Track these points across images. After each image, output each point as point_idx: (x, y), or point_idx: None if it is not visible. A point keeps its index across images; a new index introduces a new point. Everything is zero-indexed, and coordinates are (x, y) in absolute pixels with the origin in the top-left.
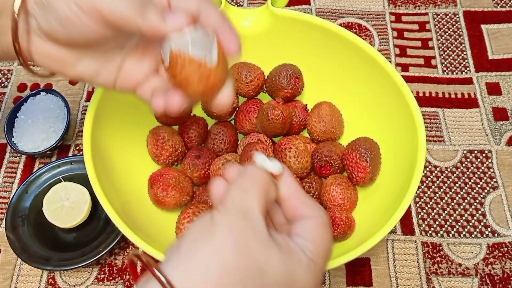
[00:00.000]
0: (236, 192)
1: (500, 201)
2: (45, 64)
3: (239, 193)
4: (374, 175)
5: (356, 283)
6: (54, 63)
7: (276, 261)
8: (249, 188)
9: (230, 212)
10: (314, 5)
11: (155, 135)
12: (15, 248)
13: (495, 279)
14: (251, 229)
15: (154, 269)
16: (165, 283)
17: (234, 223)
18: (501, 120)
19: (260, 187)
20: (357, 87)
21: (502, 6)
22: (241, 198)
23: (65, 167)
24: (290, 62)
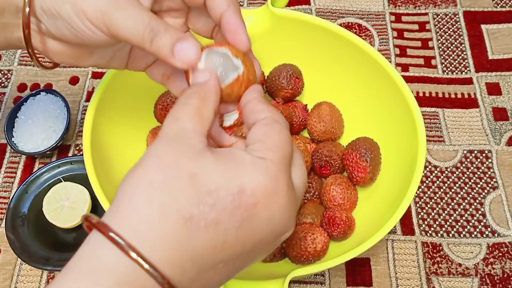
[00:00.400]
0: (168, 121)
1: (500, 201)
2: (60, 60)
3: (170, 121)
4: (374, 175)
5: (356, 283)
6: (68, 59)
7: (210, 164)
8: (179, 114)
9: (162, 138)
10: (314, 5)
11: (155, 135)
12: (15, 248)
13: (495, 279)
14: (182, 145)
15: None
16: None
17: (163, 146)
18: (501, 120)
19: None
20: (357, 87)
21: (502, 6)
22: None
23: (65, 167)
24: (290, 62)
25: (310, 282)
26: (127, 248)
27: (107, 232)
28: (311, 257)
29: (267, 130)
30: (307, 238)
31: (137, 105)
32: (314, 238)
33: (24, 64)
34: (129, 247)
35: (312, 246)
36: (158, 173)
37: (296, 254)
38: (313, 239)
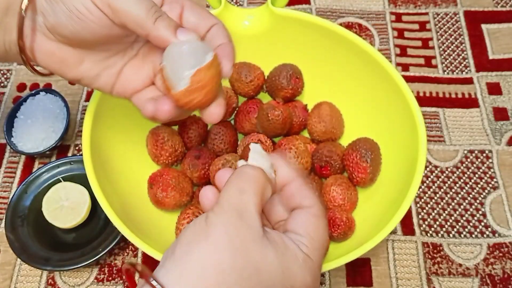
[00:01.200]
0: (232, 192)
1: (500, 201)
2: (47, 63)
3: (235, 193)
4: (375, 176)
5: (357, 283)
6: (55, 63)
7: (271, 258)
8: (245, 188)
9: (226, 211)
10: (314, 4)
11: (154, 135)
12: (14, 248)
13: (495, 279)
14: (247, 229)
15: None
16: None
17: (229, 223)
18: (501, 120)
19: (257, 187)
20: (357, 87)
21: (502, 6)
22: (238, 197)
23: (64, 167)
24: (290, 62)
25: None
26: None
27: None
28: None
29: (316, 224)
30: None
31: None
32: None
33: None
34: None
35: None
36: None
37: None
38: None
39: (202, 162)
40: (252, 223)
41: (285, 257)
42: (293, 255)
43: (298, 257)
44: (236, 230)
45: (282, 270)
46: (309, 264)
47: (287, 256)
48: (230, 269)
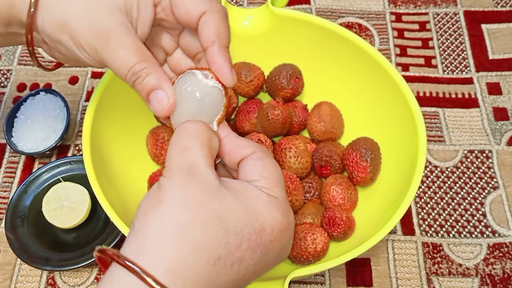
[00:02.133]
0: (177, 152)
1: (500, 201)
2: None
3: (180, 152)
4: (375, 175)
5: (357, 283)
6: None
7: (232, 204)
8: (188, 144)
9: (174, 173)
10: (314, 4)
11: (154, 135)
12: (14, 248)
13: (495, 279)
14: (199, 183)
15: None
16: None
17: (179, 183)
18: (501, 120)
19: (201, 141)
20: (357, 87)
21: (502, 6)
22: (183, 156)
23: (64, 167)
24: (290, 62)
25: (310, 282)
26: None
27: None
28: (311, 257)
29: (265, 166)
30: (307, 238)
31: (137, 105)
32: (314, 238)
33: (23, 64)
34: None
35: (312, 247)
36: (184, 215)
37: (296, 255)
38: (313, 239)
39: None
40: (204, 177)
41: (248, 200)
42: (256, 196)
43: (261, 198)
44: (187, 188)
45: (247, 212)
46: (275, 202)
47: (250, 199)
48: (190, 226)
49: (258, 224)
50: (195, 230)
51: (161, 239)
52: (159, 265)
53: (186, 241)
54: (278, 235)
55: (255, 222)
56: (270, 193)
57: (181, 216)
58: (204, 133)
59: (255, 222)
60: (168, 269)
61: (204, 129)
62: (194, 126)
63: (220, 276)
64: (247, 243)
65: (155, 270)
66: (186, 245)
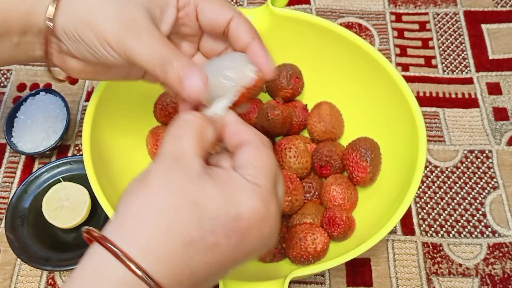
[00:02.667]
0: (168, 140)
1: (500, 201)
2: (79, 76)
3: (171, 140)
4: (375, 175)
5: (357, 283)
6: (87, 75)
7: (211, 190)
8: (180, 133)
9: (163, 159)
10: (314, 4)
11: (154, 135)
12: (14, 248)
13: (495, 279)
14: (182, 169)
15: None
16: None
17: (164, 168)
18: (501, 120)
19: (193, 130)
20: (357, 87)
21: (502, 6)
22: (173, 144)
23: (64, 167)
24: (290, 62)
25: (310, 282)
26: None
27: (111, 246)
28: (311, 257)
29: (258, 154)
30: (307, 238)
31: (137, 105)
32: (314, 238)
33: (23, 64)
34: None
35: (312, 247)
36: (163, 199)
37: (296, 255)
38: (313, 239)
39: None
40: (189, 164)
41: (228, 187)
42: (237, 184)
43: (242, 185)
44: (170, 173)
45: (224, 199)
46: (257, 190)
47: (230, 186)
48: (166, 209)
49: (235, 210)
50: (170, 212)
51: (138, 219)
52: (133, 244)
53: (160, 222)
54: (256, 223)
55: (231, 209)
56: (254, 180)
57: (160, 199)
58: (197, 124)
59: (231, 209)
60: (141, 247)
61: (198, 120)
62: (189, 116)
63: (192, 259)
64: (221, 228)
65: (129, 247)
66: (160, 226)
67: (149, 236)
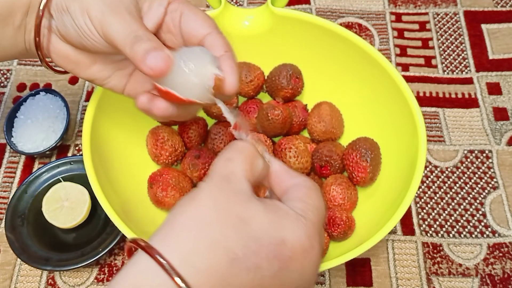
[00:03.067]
0: (220, 161)
1: (500, 201)
2: (61, 63)
3: (223, 162)
4: (375, 175)
5: (357, 283)
6: (69, 64)
7: (258, 212)
8: (233, 156)
9: (213, 178)
10: (314, 4)
11: (154, 135)
12: (14, 248)
13: (495, 279)
14: (232, 189)
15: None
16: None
17: (215, 186)
18: (501, 120)
19: (245, 156)
20: (357, 87)
21: (502, 6)
22: (225, 165)
23: (64, 167)
24: (290, 62)
25: None
26: (172, 273)
27: (155, 255)
28: None
29: (308, 192)
30: None
31: None
32: None
33: (23, 64)
34: (174, 272)
35: None
36: (211, 212)
37: None
38: None
39: (202, 162)
40: (239, 186)
41: (275, 213)
42: (284, 212)
43: (289, 214)
44: (220, 191)
45: (271, 222)
46: (302, 221)
47: (277, 212)
48: (212, 222)
49: (280, 236)
50: (216, 226)
51: (183, 231)
52: (176, 254)
53: (205, 235)
54: (299, 254)
55: (277, 234)
56: (301, 213)
57: (207, 212)
58: (249, 151)
59: (277, 234)
60: (184, 258)
61: (250, 148)
62: (243, 144)
63: (234, 277)
64: (265, 251)
65: (172, 257)
66: (205, 238)
67: (193, 247)
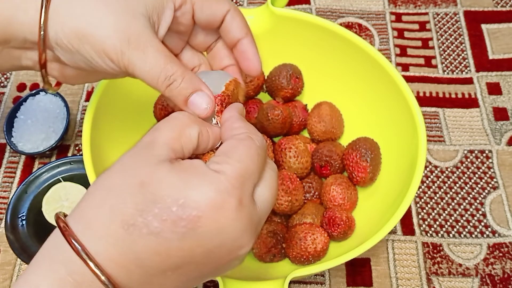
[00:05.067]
0: (148, 131)
1: (500, 201)
2: (73, 81)
3: (150, 131)
4: (375, 175)
5: (357, 283)
6: (81, 79)
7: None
8: (160, 126)
9: (135, 146)
10: (314, 4)
11: None
12: (14, 248)
13: (495, 279)
14: (145, 155)
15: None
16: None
17: (130, 153)
18: (501, 120)
19: (173, 125)
20: (357, 87)
21: (502, 6)
22: (149, 133)
23: (64, 167)
24: (290, 62)
25: (310, 282)
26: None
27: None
28: (311, 257)
29: (236, 144)
30: (307, 238)
31: (136, 105)
32: (314, 238)
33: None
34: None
35: (312, 247)
36: (114, 177)
37: (296, 255)
38: (313, 239)
39: None
40: (153, 151)
41: (185, 174)
42: (195, 171)
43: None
44: (133, 157)
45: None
46: (215, 178)
47: (187, 173)
48: (113, 188)
49: (182, 196)
50: (116, 192)
51: (90, 198)
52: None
53: (106, 201)
54: (207, 211)
55: (179, 194)
56: (217, 168)
57: (110, 179)
58: (180, 120)
59: (179, 194)
60: (86, 225)
61: (183, 117)
62: (175, 114)
63: (135, 243)
64: (166, 213)
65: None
66: (105, 205)
67: (94, 214)
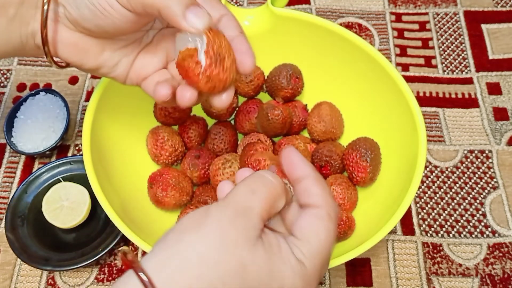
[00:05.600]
0: (242, 189)
1: (500, 201)
2: (68, 55)
3: (245, 192)
4: (375, 175)
5: (357, 283)
6: (77, 54)
7: (261, 258)
8: (258, 190)
9: (228, 206)
10: (314, 4)
11: (154, 135)
12: (14, 248)
13: (495, 279)
14: (243, 228)
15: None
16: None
17: (226, 218)
18: (501, 120)
19: (269, 193)
20: (357, 87)
21: (502, 6)
22: (246, 196)
23: (64, 167)
24: (290, 62)
25: None
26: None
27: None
28: None
29: (317, 228)
30: None
31: (136, 105)
32: None
33: (23, 64)
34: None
35: None
36: (215, 253)
37: None
38: None
39: (202, 162)
40: (251, 224)
41: (276, 259)
42: (285, 258)
43: (290, 261)
44: (230, 227)
45: (271, 270)
46: (302, 270)
47: (278, 258)
48: (213, 264)
49: (277, 285)
50: (217, 269)
51: (183, 264)
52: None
53: (204, 275)
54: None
55: (274, 283)
56: (302, 259)
57: (211, 252)
58: (276, 189)
59: (274, 283)
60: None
61: (278, 185)
62: (273, 179)
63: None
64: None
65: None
66: (203, 279)
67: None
